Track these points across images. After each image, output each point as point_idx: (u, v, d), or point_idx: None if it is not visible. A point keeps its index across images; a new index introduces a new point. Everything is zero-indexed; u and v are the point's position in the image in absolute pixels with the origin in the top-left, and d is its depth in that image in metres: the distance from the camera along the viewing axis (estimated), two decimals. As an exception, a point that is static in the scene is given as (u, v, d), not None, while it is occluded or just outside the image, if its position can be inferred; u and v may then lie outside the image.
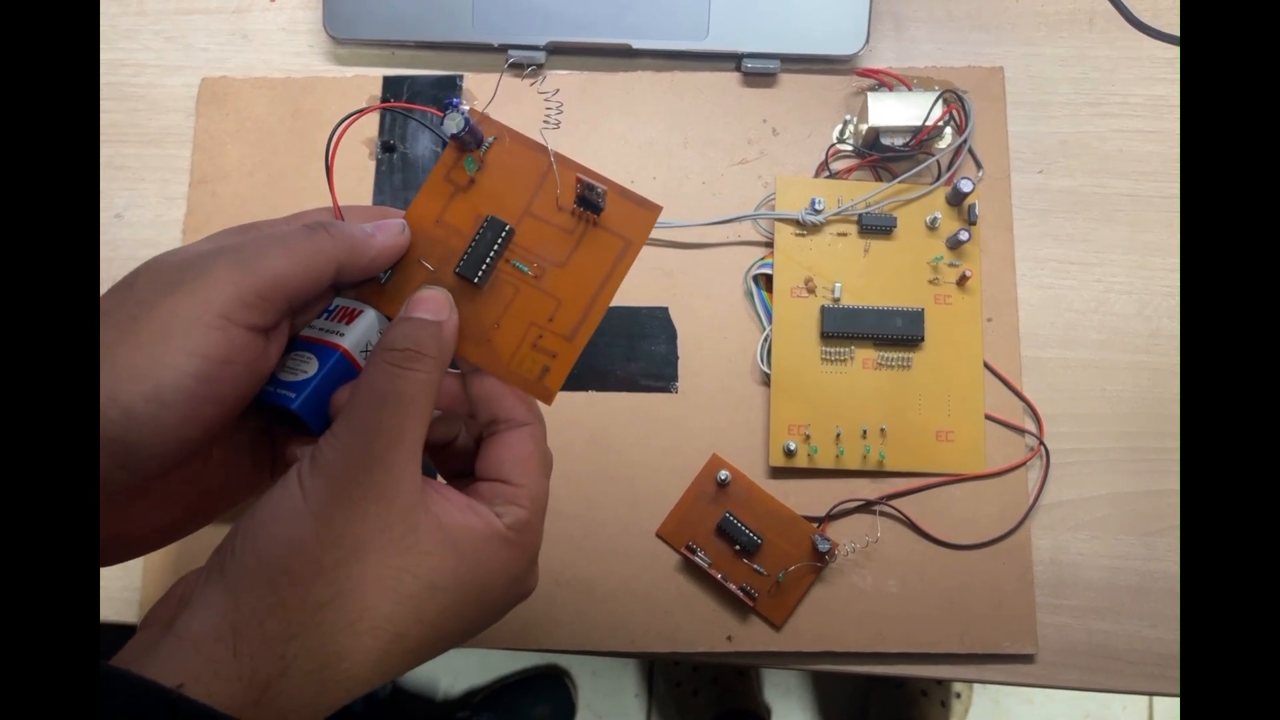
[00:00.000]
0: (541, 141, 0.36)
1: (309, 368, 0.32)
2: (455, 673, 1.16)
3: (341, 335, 0.33)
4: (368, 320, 0.34)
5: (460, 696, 1.18)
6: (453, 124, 0.34)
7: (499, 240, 0.35)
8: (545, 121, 0.53)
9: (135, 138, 0.54)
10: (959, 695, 1.13)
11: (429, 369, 0.30)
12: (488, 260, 0.35)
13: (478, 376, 0.33)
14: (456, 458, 0.34)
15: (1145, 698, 1.12)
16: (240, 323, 0.29)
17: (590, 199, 0.34)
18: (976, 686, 1.14)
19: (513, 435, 0.32)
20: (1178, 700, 0.49)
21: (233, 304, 0.28)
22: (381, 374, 0.29)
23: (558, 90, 0.53)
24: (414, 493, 0.28)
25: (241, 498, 0.34)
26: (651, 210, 0.36)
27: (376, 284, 0.34)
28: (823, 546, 0.46)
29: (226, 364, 0.28)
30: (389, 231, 0.34)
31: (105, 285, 0.52)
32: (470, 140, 0.36)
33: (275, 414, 0.32)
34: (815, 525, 0.48)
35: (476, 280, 0.34)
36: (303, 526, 0.26)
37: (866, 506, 0.48)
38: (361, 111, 0.37)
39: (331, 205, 0.35)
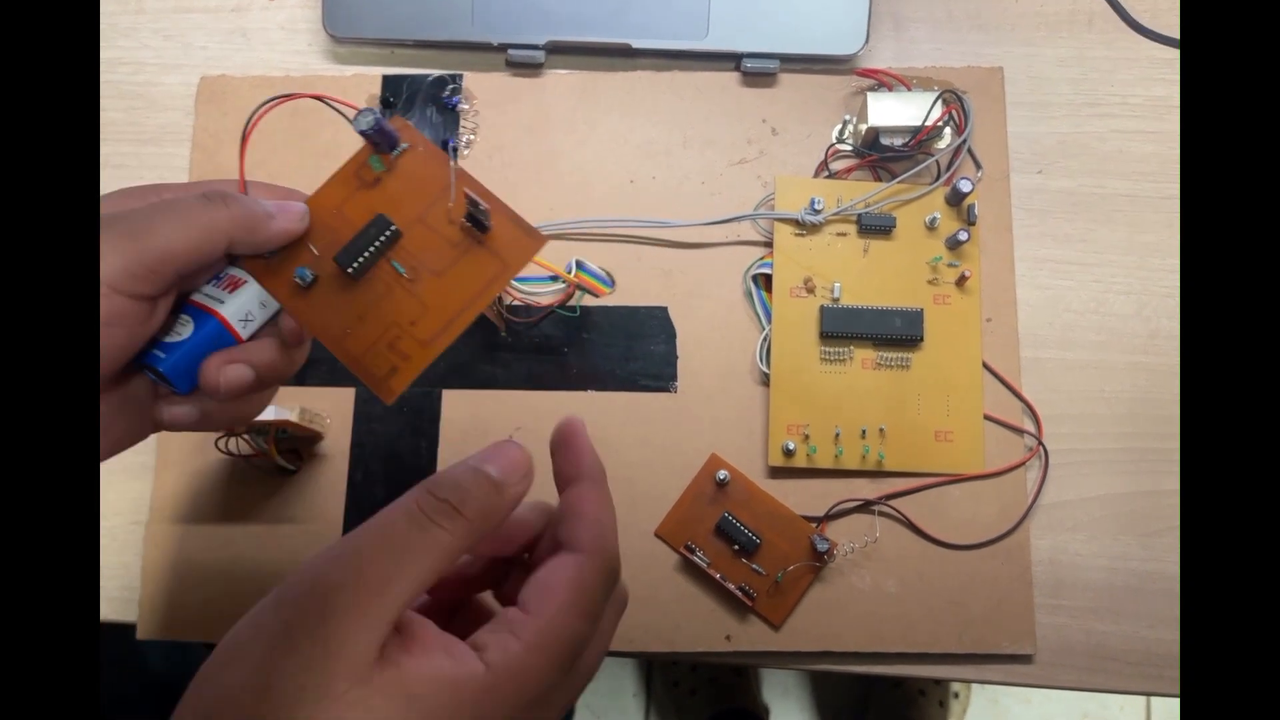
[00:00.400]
0: (451, 156, 0.37)
1: (185, 330, 0.33)
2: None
3: (222, 303, 0.34)
4: (250, 291, 0.35)
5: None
6: (362, 122, 0.36)
7: (382, 238, 0.36)
8: (463, 130, 0.53)
9: (133, 136, 0.54)
10: (957, 695, 1.13)
11: (459, 535, 0.26)
12: (365, 254, 0.36)
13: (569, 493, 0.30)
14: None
15: (1143, 698, 1.12)
16: (125, 292, 0.29)
17: (477, 216, 0.35)
18: (975, 686, 1.14)
19: (555, 559, 0.28)
20: (1176, 700, 0.49)
21: (119, 275, 0.29)
22: (403, 514, 0.26)
23: (475, 99, 0.53)
24: (371, 646, 0.24)
25: (123, 448, 0.34)
26: (535, 240, 0.36)
27: (262, 258, 0.35)
28: (821, 546, 0.46)
29: (107, 326, 0.29)
30: (289, 216, 0.35)
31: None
32: (381, 142, 0.37)
33: (153, 371, 0.33)
34: (814, 525, 0.48)
35: (350, 271, 0.36)
36: (241, 672, 0.24)
37: (865, 506, 0.48)
38: (287, 97, 0.39)
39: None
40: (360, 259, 0.36)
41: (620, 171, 0.52)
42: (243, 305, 0.35)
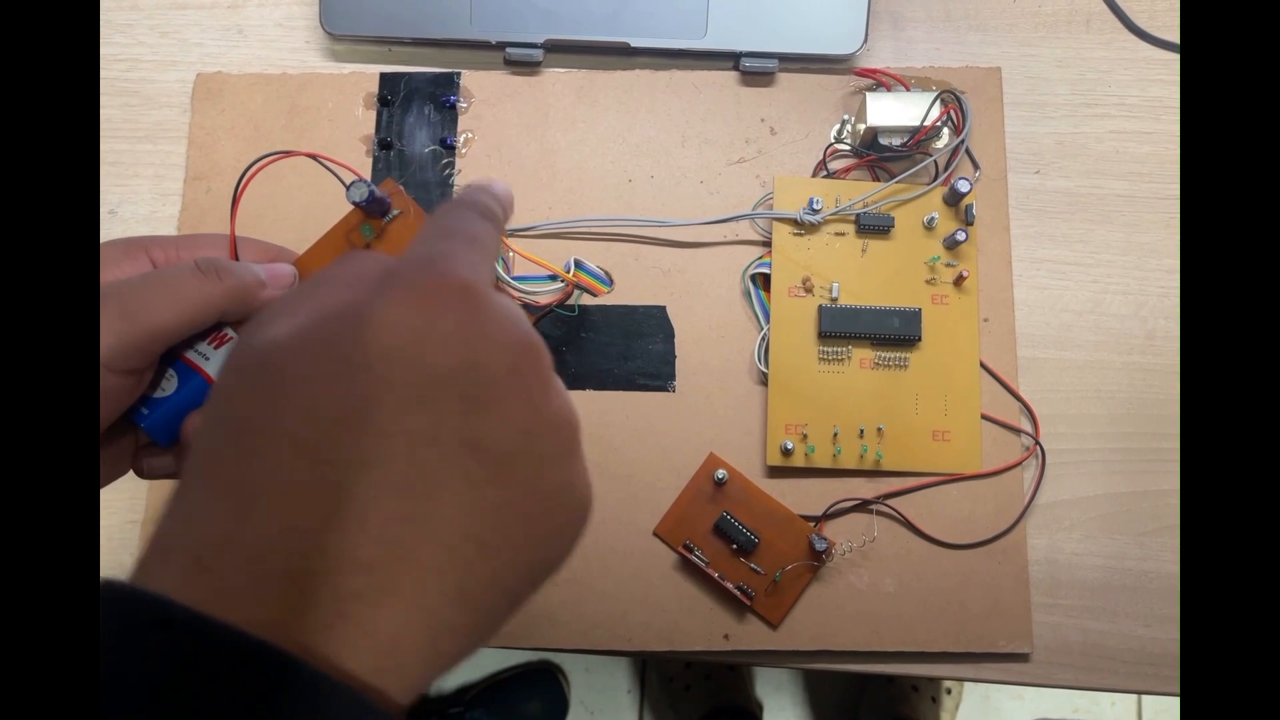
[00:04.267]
0: None
1: (170, 387, 0.34)
2: (448, 669, 1.16)
3: (208, 360, 0.34)
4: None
5: (453, 692, 1.18)
6: (356, 193, 0.36)
7: None
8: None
9: (129, 133, 0.54)
10: (949, 691, 1.13)
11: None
12: None
13: None
14: None
15: (1134, 695, 1.13)
16: (117, 370, 0.30)
17: None
18: (967, 683, 1.14)
19: None
20: (1169, 698, 0.49)
21: (112, 354, 0.30)
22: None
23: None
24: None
25: (100, 487, 0.35)
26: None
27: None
28: (819, 545, 0.46)
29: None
30: (279, 283, 0.35)
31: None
32: (374, 209, 0.37)
33: (137, 424, 0.34)
34: (812, 525, 0.48)
35: None
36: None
37: (863, 506, 0.48)
38: (282, 154, 0.40)
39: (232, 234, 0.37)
40: None
41: (618, 171, 0.52)
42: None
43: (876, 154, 0.51)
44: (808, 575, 0.47)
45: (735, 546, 0.47)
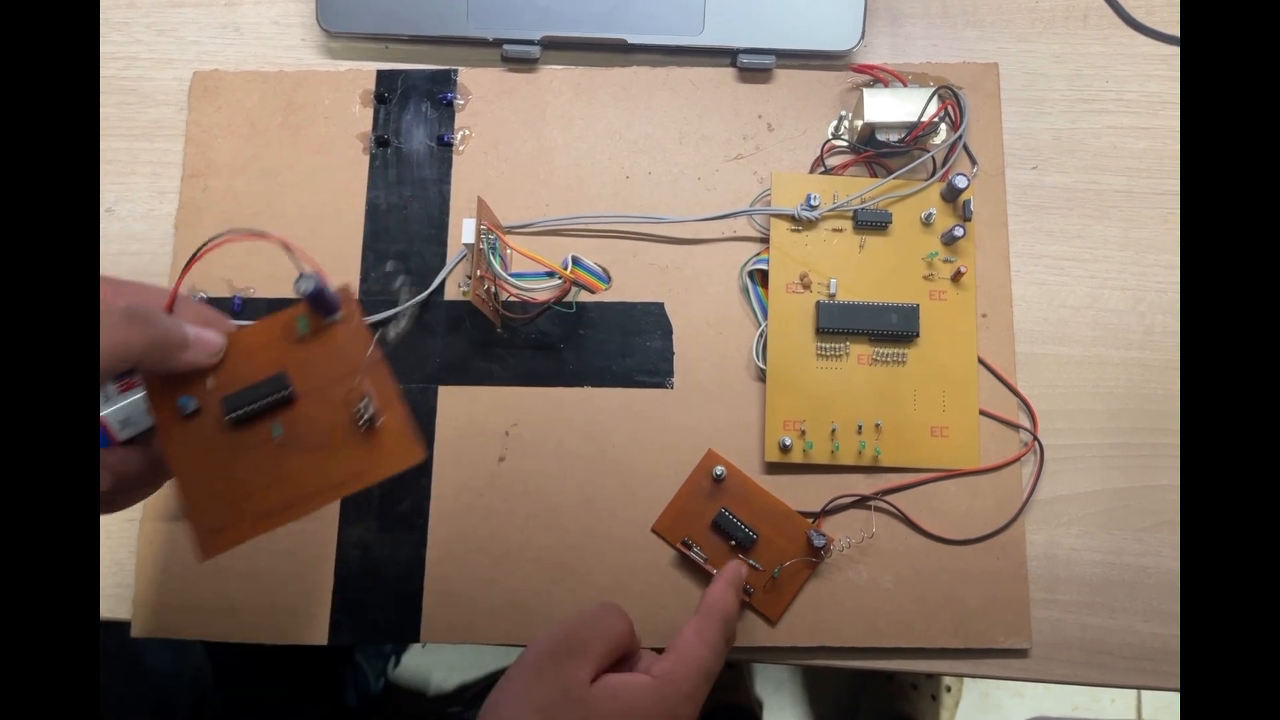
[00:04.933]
0: (373, 348, 0.38)
1: None
2: (448, 667, 1.16)
3: (108, 401, 0.35)
4: (139, 398, 0.36)
5: (453, 691, 1.18)
6: (304, 285, 0.36)
7: (274, 396, 0.37)
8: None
9: (126, 131, 0.54)
10: (949, 689, 1.13)
11: (625, 627, 0.41)
12: (252, 406, 0.37)
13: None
14: None
15: (1134, 692, 1.13)
16: None
17: (367, 412, 0.36)
18: (966, 680, 1.14)
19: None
20: (1168, 693, 0.49)
21: None
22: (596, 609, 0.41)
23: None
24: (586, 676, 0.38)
25: None
26: (415, 453, 0.37)
27: None
28: (818, 542, 0.46)
29: None
30: (203, 350, 0.36)
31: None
32: (320, 307, 0.37)
33: None
34: (811, 521, 0.48)
35: (230, 417, 0.36)
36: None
37: (862, 502, 0.48)
38: (256, 234, 0.39)
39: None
40: (245, 409, 0.36)
41: (616, 167, 0.52)
42: (128, 410, 0.36)
43: (874, 150, 0.51)
44: (806, 571, 0.47)
45: (734, 543, 0.47)
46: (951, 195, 0.50)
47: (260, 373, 0.37)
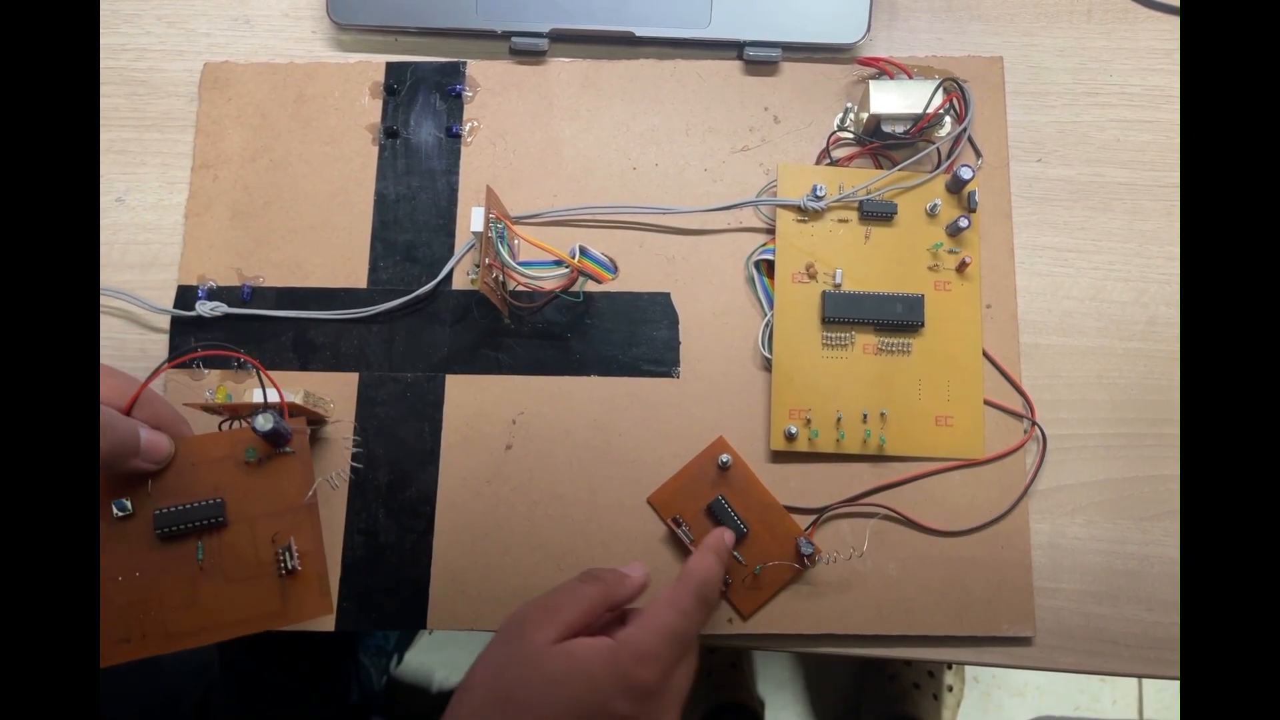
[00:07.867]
0: (312, 492, 0.40)
1: None
2: (450, 665, 1.16)
3: None
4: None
5: (455, 689, 1.18)
6: (263, 424, 0.38)
7: (206, 520, 0.38)
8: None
9: (136, 122, 0.54)
10: (951, 688, 1.13)
11: (597, 593, 0.41)
12: (182, 526, 0.38)
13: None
14: None
15: (1135, 690, 1.13)
16: None
17: (287, 555, 0.38)
18: (968, 680, 1.14)
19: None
20: (1171, 684, 0.49)
21: None
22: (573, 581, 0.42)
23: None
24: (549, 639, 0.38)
25: None
26: (324, 609, 0.39)
27: None
28: (805, 550, 0.46)
29: None
30: (153, 456, 0.38)
31: (104, 271, 0.52)
32: (272, 440, 0.39)
33: None
34: (804, 529, 0.48)
35: (160, 532, 0.37)
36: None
37: (859, 498, 0.48)
38: (235, 352, 0.43)
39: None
40: (175, 528, 0.38)
41: (623, 159, 0.53)
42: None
43: (879, 142, 0.51)
44: (788, 575, 0.47)
45: (731, 531, 0.47)
46: (956, 187, 0.50)
47: (200, 490, 0.39)
